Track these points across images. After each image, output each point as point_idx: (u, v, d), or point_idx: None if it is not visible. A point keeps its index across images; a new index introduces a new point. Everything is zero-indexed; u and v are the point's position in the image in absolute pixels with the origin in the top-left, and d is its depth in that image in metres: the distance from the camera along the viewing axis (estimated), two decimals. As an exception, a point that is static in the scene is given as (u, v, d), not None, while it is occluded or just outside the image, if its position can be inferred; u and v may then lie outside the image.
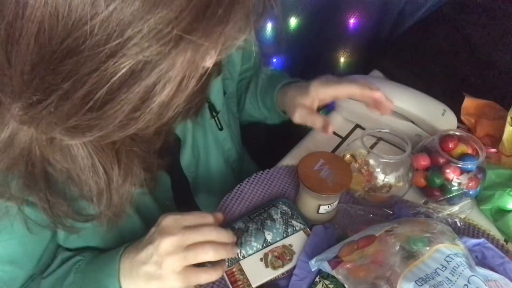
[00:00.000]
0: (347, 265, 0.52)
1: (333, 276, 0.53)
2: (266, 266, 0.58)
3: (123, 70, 0.31)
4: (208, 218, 0.51)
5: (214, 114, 0.69)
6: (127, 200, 0.52)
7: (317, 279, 0.56)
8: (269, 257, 0.58)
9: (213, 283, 0.58)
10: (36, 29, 0.30)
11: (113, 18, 0.29)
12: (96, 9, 0.29)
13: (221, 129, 0.72)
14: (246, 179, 0.72)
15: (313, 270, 0.56)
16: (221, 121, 0.71)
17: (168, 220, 0.49)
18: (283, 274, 0.58)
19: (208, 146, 0.71)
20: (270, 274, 0.57)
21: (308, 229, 0.62)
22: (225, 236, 0.51)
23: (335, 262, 0.53)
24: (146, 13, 0.30)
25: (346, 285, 0.51)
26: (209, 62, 0.37)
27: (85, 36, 0.30)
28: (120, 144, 0.47)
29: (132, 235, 0.58)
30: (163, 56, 0.32)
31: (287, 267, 0.58)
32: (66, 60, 0.31)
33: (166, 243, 0.47)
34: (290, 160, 0.77)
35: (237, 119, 0.81)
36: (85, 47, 0.30)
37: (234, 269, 0.57)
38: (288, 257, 0.58)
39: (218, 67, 0.63)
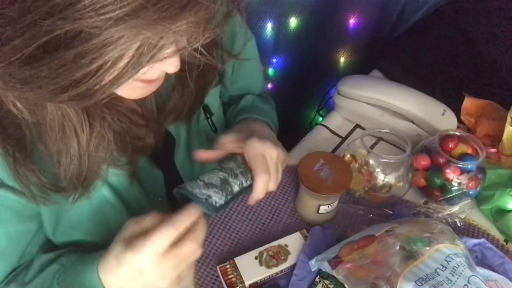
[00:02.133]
0: (347, 265, 0.52)
1: (333, 276, 0.53)
2: (260, 264, 0.58)
3: (59, 32, 0.32)
4: (172, 232, 0.45)
5: (208, 116, 0.69)
6: (97, 174, 0.51)
7: (317, 279, 0.56)
8: (264, 255, 0.59)
9: (207, 279, 0.59)
10: None
11: None
12: None
13: (215, 131, 0.72)
14: (246, 179, 0.72)
15: (313, 270, 0.56)
16: (216, 123, 0.71)
17: (143, 260, 0.44)
18: (276, 273, 0.58)
19: (202, 148, 0.71)
20: (263, 273, 0.57)
21: (305, 230, 0.62)
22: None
23: (335, 262, 0.53)
24: None
25: (346, 285, 0.51)
26: (159, 55, 0.38)
27: None
28: (91, 107, 0.47)
29: (120, 228, 0.58)
30: (100, 31, 0.33)
31: (281, 266, 0.58)
32: (10, 6, 0.32)
33: (156, 277, 0.45)
34: (290, 160, 0.77)
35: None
36: None
37: (228, 266, 0.57)
38: (283, 257, 0.59)
39: (218, 76, 0.64)
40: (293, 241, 0.61)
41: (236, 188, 0.54)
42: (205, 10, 0.36)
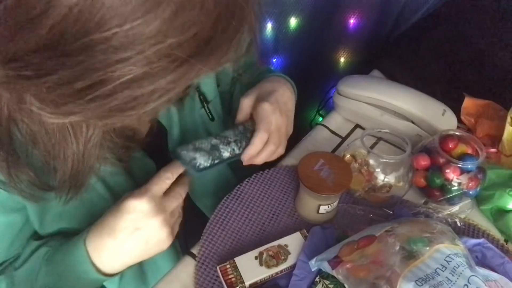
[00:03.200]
0: (347, 265, 0.52)
1: (333, 276, 0.53)
2: (260, 264, 0.58)
3: (128, 77, 0.32)
4: (168, 176, 0.54)
5: (205, 104, 0.69)
6: (90, 174, 0.52)
7: (317, 279, 0.56)
8: (264, 255, 0.59)
9: (207, 279, 0.59)
10: (60, 16, 0.29)
11: (134, 32, 0.30)
12: (122, 20, 0.30)
13: (212, 119, 0.72)
14: (246, 179, 0.72)
15: (313, 270, 0.56)
16: (213, 111, 0.71)
17: (147, 203, 0.50)
18: (276, 273, 0.58)
19: (198, 137, 0.71)
20: (263, 273, 0.57)
21: (305, 230, 0.62)
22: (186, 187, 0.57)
23: (335, 262, 0.53)
24: (163, 35, 0.31)
25: (346, 285, 0.51)
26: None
27: (103, 40, 0.30)
28: None
29: None
30: (166, 72, 0.33)
31: (281, 266, 0.58)
32: (75, 55, 0.31)
33: (159, 223, 0.51)
34: (290, 160, 0.77)
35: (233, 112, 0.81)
36: (99, 49, 0.31)
37: (228, 266, 0.57)
38: (282, 257, 0.59)
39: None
40: (293, 241, 0.61)
41: (226, 154, 0.59)
42: (242, 35, 0.36)
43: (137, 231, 0.51)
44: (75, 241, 0.53)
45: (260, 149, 0.60)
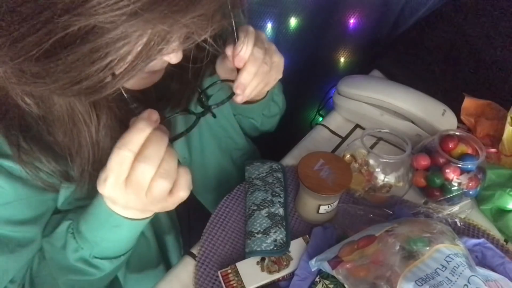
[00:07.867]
0: (347, 265, 0.52)
1: (333, 276, 0.53)
2: (262, 270, 0.57)
3: (74, 28, 0.33)
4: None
5: (205, 104, 0.69)
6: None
7: (317, 279, 0.56)
8: (266, 261, 0.58)
9: (209, 284, 0.59)
10: None
11: None
12: None
13: (214, 116, 0.72)
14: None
15: (313, 270, 0.56)
16: (216, 110, 0.71)
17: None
18: (278, 279, 0.58)
19: (201, 133, 0.71)
20: (265, 278, 0.57)
21: (307, 236, 0.62)
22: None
23: (335, 262, 0.53)
24: None
25: (346, 285, 0.51)
26: (167, 50, 0.39)
27: None
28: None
29: None
30: (114, 26, 0.34)
31: (283, 272, 0.58)
32: (24, 5, 0.33)
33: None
34: (290, 160, 0.77)
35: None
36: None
37: (229, 271, 0.57)
38: (285, 263, 0.58)
39: (212, 66, 0.64)
40: (296, 247, 0.60)
41: (281, 212, 0.64)
42: (213, 2, 0.37)
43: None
44: (94, 203, 0.51)
45: (250, 49, 0.53)
